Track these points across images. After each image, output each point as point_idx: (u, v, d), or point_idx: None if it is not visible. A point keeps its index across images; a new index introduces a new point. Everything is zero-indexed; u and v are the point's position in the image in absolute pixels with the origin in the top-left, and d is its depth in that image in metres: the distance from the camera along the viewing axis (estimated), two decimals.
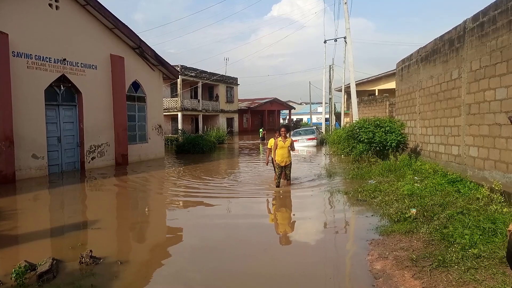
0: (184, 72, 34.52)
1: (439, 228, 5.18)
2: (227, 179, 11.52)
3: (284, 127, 9.63)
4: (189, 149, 21.12)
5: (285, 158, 9.33)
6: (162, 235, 6.29)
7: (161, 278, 4.42)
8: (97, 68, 14.43)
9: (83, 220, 6.99)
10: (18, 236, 6.05)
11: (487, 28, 7.45)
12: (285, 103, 62.71)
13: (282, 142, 9.34)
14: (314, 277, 4.31)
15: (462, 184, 7.60)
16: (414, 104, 12.28)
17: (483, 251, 4.20)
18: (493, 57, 7.20)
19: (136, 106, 16.86)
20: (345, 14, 19.68)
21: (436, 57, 10.33)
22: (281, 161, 9.34)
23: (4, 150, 10.84)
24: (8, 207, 7.99)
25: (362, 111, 26.46)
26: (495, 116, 7.08)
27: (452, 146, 9.16)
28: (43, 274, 4.07)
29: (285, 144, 9.33)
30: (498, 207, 5.70)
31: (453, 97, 9.07)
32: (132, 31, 15.74)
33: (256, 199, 8.83)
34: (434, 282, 3.75)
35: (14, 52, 11.41)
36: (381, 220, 6.25)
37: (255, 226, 6.52)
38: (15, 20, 11.47)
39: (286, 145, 9.33)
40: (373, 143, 12.25)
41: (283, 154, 9.32)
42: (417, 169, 9.92)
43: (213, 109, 40.80)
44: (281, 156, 9.31)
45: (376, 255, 4.67)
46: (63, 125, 13.37)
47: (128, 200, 9.15)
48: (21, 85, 11.60)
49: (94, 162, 14.30)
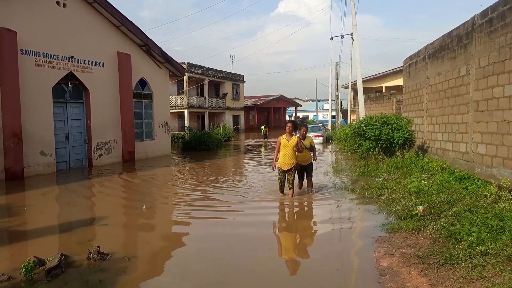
0: (191, 69, 34.57)
1: (446, 225, 5.14)
2: (229, 181, 11.01)
3: (290, 122, 7.96)
4: (196, 146, 21.19)
5: (287, 160, 7.79)
6: (169, 230, 6.32)
7: (168, 273, 4.45)
8: (104, 65, 14.51)
9: (91, 216, 7.05)
10: (27, 232, 6.12)
11: (496, 24, 7.37)
12: (291, 100, 62.57)
13: (286, 140, 7.79)
14: (321, 273, 4.31)
15: (469, 181, 7.54)
16: (421, 101, 12.20)
17: (491, 249, 4.17)
18: (502, 54, 7.11)
19: (143, 103, 16.93)
20: (352, 11, 19.56)
21: (444, 54, 10.24)
22: (283, 163, 7.83)
23: (12, 147, 10.96)
24: (17, 204, 8.09)
25: (369, 108, 26.33)
26: (504, 113, 7.00)
27: (459, 143, 9.09)
28: (51, 270, 4.12)
29: (289, 143, 7.74)
30: (506, 205, 5.64)
31: (461, 94, 8.99)
32: (139, 28, 15.79)
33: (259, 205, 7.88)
34: (441, 279, 3.73)
35: (22, 50, 11.51)
36: (388, 217, 6.24)
37: (259, 224, 6.54)
38: (23, 18, 11.56)
39: (290, 145, 7.74)
40: (380, 140, 12.19)
41: (286, 155, 7.78)
42: (424, 167, 9.86)
43: (219, 106, 40.83)
44: (283, 158, 7.81)
45: (383, 252, 4.66)
46: (70, 122, 13.47)
47: (135, 197, 9.20)
48: (30, 83, 11.70)
49: (101, 159, 14.40)
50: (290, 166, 7.80)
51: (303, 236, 5.90)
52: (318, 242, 5.59)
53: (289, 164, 7.79)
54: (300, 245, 5.51)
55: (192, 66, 35.41)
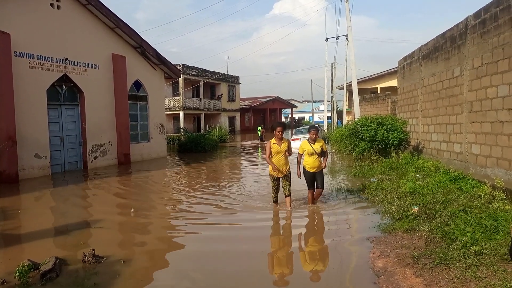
0: (186, 71, 34.54)
1: (441, 225, 5.17)
2: (222, 187, 10.71)
3: (281, 126, 6.96)
4: (191, 148, 21.17)
5: (281, 167, 7.01)
6: (165, 234, 6.30)
7: (164, 277, 4.44)
8: (98, 67, 14.46)
9: (86, 219, 7.01)
10: (21, 235, 6.09)
11: (489, 25, 7.43)
12: (287, 102, 62.70)
13: (277, 145, 7.01)
14: (316, 274, 4.32)
15: (464, 181, 7.59)
16: (416, 101, 12.26)
17: (485, 249, 4.20)
18: (495, 54, 7.17)
19: (138, 105, 16.89)
20: (347, 12, 19.62)
21: (438, 55, 10.30)
22: (277, 170, 7.05)
23: (7, 150, 10.89)
24: (12, 207, 8.03)
25: (364, 109, 26.42)
26: (497, 113, 7.06)
27: (454, 144, 9.14)
28: (46, 273, 4.10)
29: (281, 148, 7.01)
30: (500, 205, 5.69)
31: (455, 95, 9.05)
32: (134, 30, 15.76)
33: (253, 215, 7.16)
34: (435, 280, 3.75)
35: (16, 52, 11.45)
36: (383, 218, 6.26)
37: (257, 230, 6.54)
38: (17, 20, 11.50)
39: (282, 150, 7.02)
40: (375, 141, 12.24)
41: (279, 161, 7.03)
42: (419, 167, 9.91)
43: (215, 108, 40.80)
44: (276, 164, 7.01)
45: (378, 253, 4.68)
46: (65, 124, 13.41)
47: (130, 200, 9.17)
48: (24, 85, 11.64)
49: (96, 161, 14.34)
50: (284, 173, 7.07)
51: (297, 236, 5.90)
52: (313, 242, 5.59)
53: (283, 171, 7.04)
54: (295, 245, 5.51)
55: (188, 67, 35.38)
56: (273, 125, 7.09)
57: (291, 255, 5.14)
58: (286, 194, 7.17)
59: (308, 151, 7.24)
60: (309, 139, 7.33)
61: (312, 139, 7.26)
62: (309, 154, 7.24)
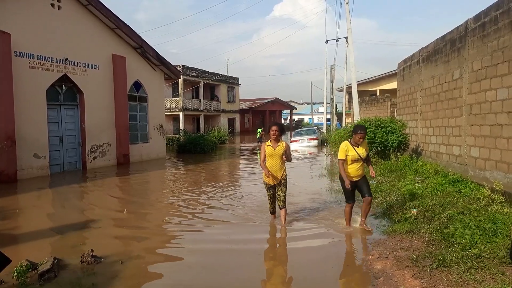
0: (186, 72, 34.56)
1: (439, 228, 5.17)
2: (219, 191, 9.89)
3: (276, 126, 6.05)
4: (191, 149, 21.18)
5: (276, 173, 6.05)
6: (163, 234, 6.29)
7: (162, 277, 4.43)
8: (98, 68, 14.47)
9: (84, 220, 7.00)
10: (19, 235, 6.08)
11: (489, 28, 7.44)
12: (287, 103, 62.72)
13: (272, 148, 6.03)
14: (314, 277, 4.32)
15: (463, 184, 7.58)
16: (415, 104, 12.27)
17: (483, 251, 4.19)
18: (495, 58, 7.19)
19: (137, 106, 16.89)
20: (347, 14, 19.66)
21: (437, 57, 10.32)
22: (271, 176, 6.08)
23: (6, 149, 10.88)
24: (10, 207, 8.02)
25: (364, 111, 26.43)
26: (497, 116, 7.07)
27: (453, 147, 9.15)
28: (44, 273, 4.09)
29: (275, 152, 6.02)
30: (499, 208, 5.68)
31: (455, 98, 9.06)
32: (134, 31, 15.78)
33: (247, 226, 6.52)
34: (434, 282, 3.75)
35: (16, 52, 11.45)
36: (382, 220, 6.26)
37: (256, 231, 6.53)
38: (17, 20, 11.51)
39: (277, 153, 6.03)
40: (374, 143, 12.24)
41: (273, 166, 6.04)
42: (418, 170, 9.90)
43: (214, 109, 40.82)
44: (270, 169, 6.03)
45: (377, 255, 4.68)
46: (64, 124, 13.41)
47: (129, 200, 9.16)
48: (23, 85, 11.64)
49: (95, 162, 14.33)
50: (279, 180, 6.10)
51: (295, 238, 5.88)
52: (311, 245, 5.58)
53: (278, 177, 6.09)
54: (293, 248, 5.50)
55: (188, 68, 35.40)
56: (269, 125, 6.17)
57: (286, 257, 5.13)
58: (281, 206, 6.21)
59: (352, 156, 5.80)
60: (351, 141, 5.93)
61: (358, 142, 5.82)
62: (352, 160, 5.83)
